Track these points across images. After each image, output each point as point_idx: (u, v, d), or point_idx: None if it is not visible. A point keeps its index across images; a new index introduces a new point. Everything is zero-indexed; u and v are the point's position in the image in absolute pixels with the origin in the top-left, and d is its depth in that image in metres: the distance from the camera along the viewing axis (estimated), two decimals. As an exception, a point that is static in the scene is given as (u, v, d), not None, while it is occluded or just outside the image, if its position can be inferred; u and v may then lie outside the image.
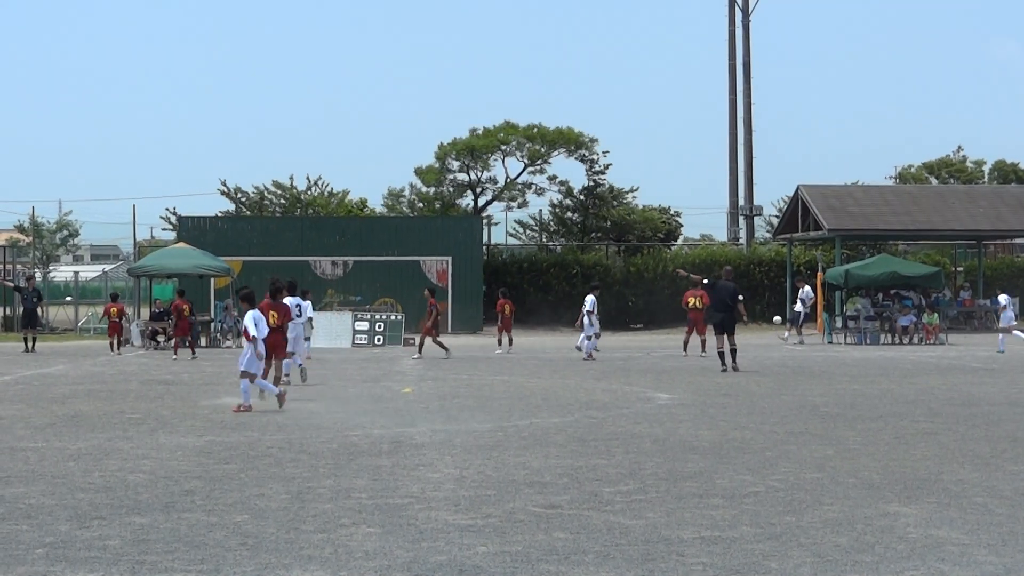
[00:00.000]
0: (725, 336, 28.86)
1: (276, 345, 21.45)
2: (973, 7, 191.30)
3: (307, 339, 27.93)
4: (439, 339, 33.87)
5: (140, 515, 10.31)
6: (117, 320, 37.16)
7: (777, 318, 45.51)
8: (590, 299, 34.31)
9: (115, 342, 36.58)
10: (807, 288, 44.43)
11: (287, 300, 24.64)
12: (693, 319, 34.78)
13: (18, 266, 62.04)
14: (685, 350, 34.40)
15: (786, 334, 43.36)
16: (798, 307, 44.30)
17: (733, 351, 28.58)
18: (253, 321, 19.87)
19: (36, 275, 54.67)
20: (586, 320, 33.88)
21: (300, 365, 25.31)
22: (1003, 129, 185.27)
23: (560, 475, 12.38)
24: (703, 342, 33.98)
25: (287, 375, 23.35)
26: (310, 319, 28.55)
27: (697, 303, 34.76)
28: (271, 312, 21.59)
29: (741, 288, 54.43)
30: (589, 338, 33.40)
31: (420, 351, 34.25)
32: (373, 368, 29.94)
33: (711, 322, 30.15)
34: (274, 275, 29.70)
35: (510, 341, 37.09)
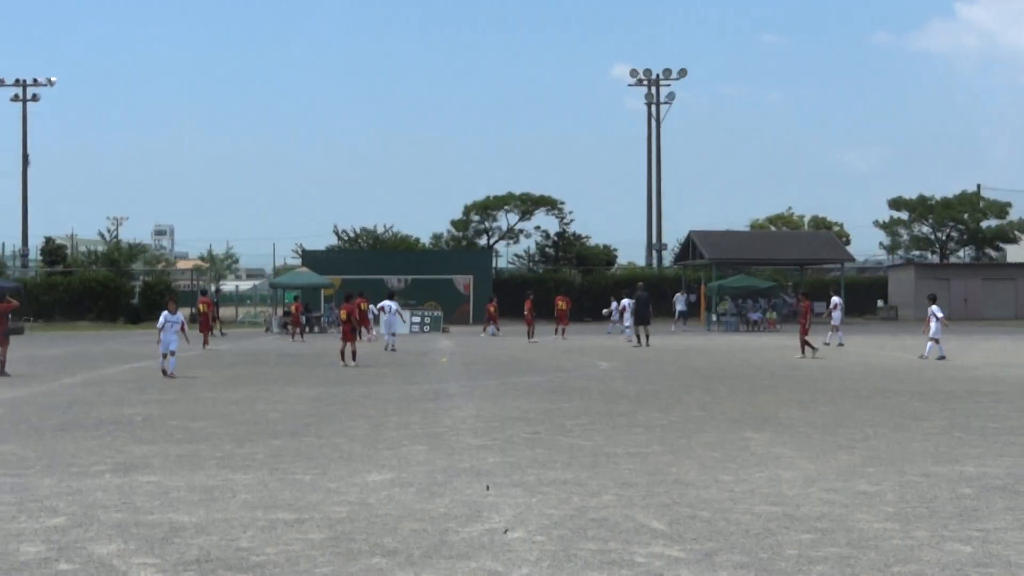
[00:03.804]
0: (644, 327, 28.92)
1: (347, 332, 21.22)
2: (798, 118, 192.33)
3: (393, 333, 27.73)
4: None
5: (276, 439, 10.29)
6: (296, 315, 34.54)
7: (606, 311, 41.54)
8: (626, 301, 31.64)
9: (293, 331, 34.07)
10: (680, 295, 44.43)
11: (386, 303, 26.73)
12: (559, 315, 33.95)
13: (199, 282, 61.95)
14: (556, 334, 32.86)
15: (673, 327, 43.13)
16: (679, 306, 44.21)
17: (647, 336, 28.74)
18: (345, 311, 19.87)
19: (212, 287, 54.70)
20: (626, 316, 31.45)
21: (390, 344, 26.71)
22: (818, 194, 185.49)
23: (539, 414, 12.37)
24: (564, 330, 32.61)
25: (392, 347, 25.93)
26: (399, 313, 29.01)
27: (563, 304, 34.19)
28: (343, 310, 21.59)
29: (654, 295, 54.36)
30: (627, 328, 31.29)
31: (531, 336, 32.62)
32: (422, 346, 29.91)
33: (638, 320, 29.55)
34: (348, 289, 30.20)
35: (531, 334, 33.47)
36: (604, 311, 40.82)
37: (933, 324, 22.26)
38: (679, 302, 44.44)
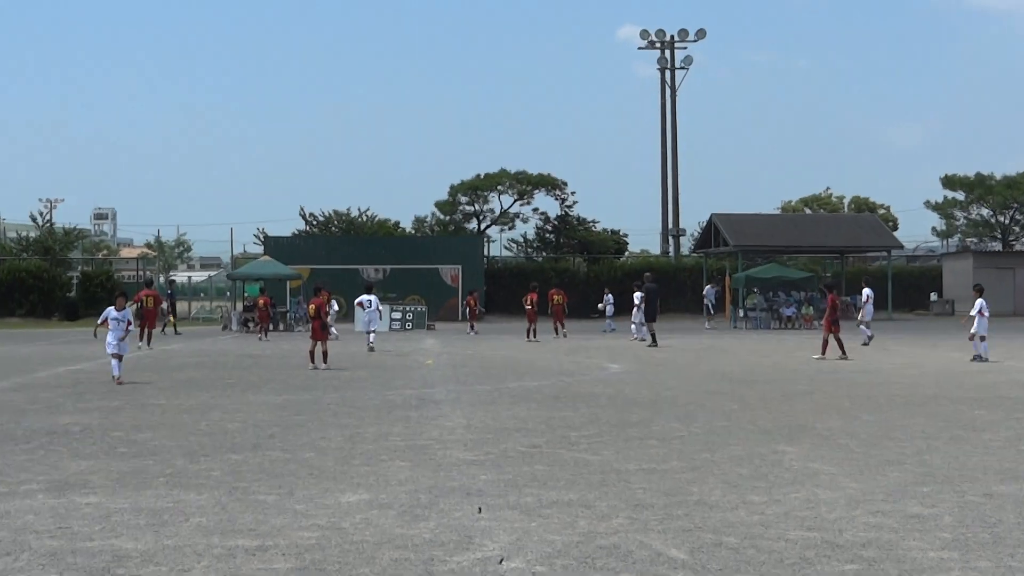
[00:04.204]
0: (653, 323, 28.99)
1: (316, 330, 21.18)
2: (835, 89, 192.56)
3: (372, 331, 27.70)
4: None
5: (235, 453, 10.25)
6: (264, 310, 34.78)
7: (601, 305, 41.52)
8: (638, 295, 31.33)
9: (262, 328, 34.13)
10: (711, 288, 44.46)
11: (365, 298, 26.91)
12: (556, 311, 33.85)
13: (147, 272, 61.87)
14: (528, 336, 32.17)
15: (707, 324, 43.18)
16: (710, 300, 44.33)
17: (653, 334, 28.88)
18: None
19: (163, 278, 54.73)
20: (635, 312, 31.39)
21: (371, 342, 27.01)
22: (861, 172, 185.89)
23: (539, 423, 12.34)
24: (534, 330, 32.20)
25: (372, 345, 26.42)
26: (379, 309, 28.87)
27: (558, 298, 34.19)
28: (312, 304, 21.53)
29: (671, 287, 54.36)
30: (634, 324, 31.13)
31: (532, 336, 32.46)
32: (404, 345, 29.89)
33: (650, 316, 29.51)
34: (318, 281, 30.23)
35: (533, 332, 32.56)
36: (599, 306, 40.66)
37: (978, 319, 22.17)
38: (710, 296, 44.43)
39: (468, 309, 37.68)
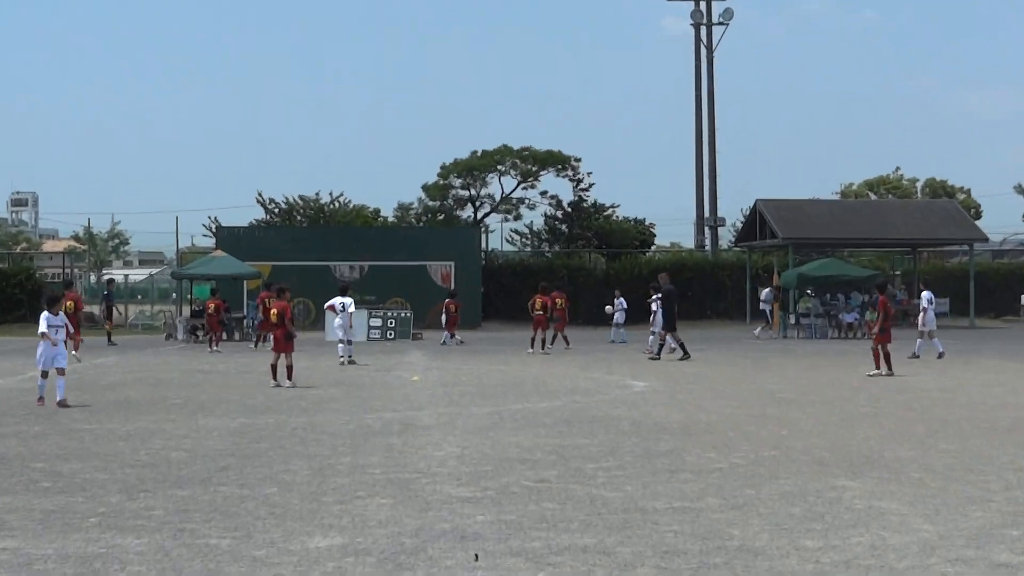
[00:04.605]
0: (676, 333, 28.91)
1: (279, 339, 21.12)
2: (907, 48, 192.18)
3: (348, 341, 27.68)
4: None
5: (181, 488, 10.25)
6: (215, 315, 34.70)
7: (609, 308, 40.05)
8: (656, 299, 30.94)
9: (213, 338, 34.25)
10: (768, 290, 44.34)
11: (339, 300, 26.99)
12: (559, 316, 33.56)
13: (75, 270, 61.93)
14: (532, 346, 31.97)
15: (758, 332, 43.07)
16: (766, 305, 44.18)
17: (662, 344, 28.81)
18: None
19: (95, 277, 54.76)
20: (656, 318, 30.82)
21: (346, 355, 27.17)
22: (936, 150, 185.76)
23: (548, 453, 12.33)
24: (543, 340, 32.16)
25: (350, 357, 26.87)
26: (351, 313, 28.84)
27: (560, 302, 33.83)
28: (274, 308, 21.52)
29: (708, 288, 54.39)
30: (653, 333, 31.02)
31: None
32: (385, 359, 29.90)
33: (670, 325, 29.39)
34: (280, 280, 30.30)
35: (542, 342, 32.57)
36: (607, 309, 40.51)
37: None
38: (766, 299, 44.27)
39: (446, 315, 37.68)
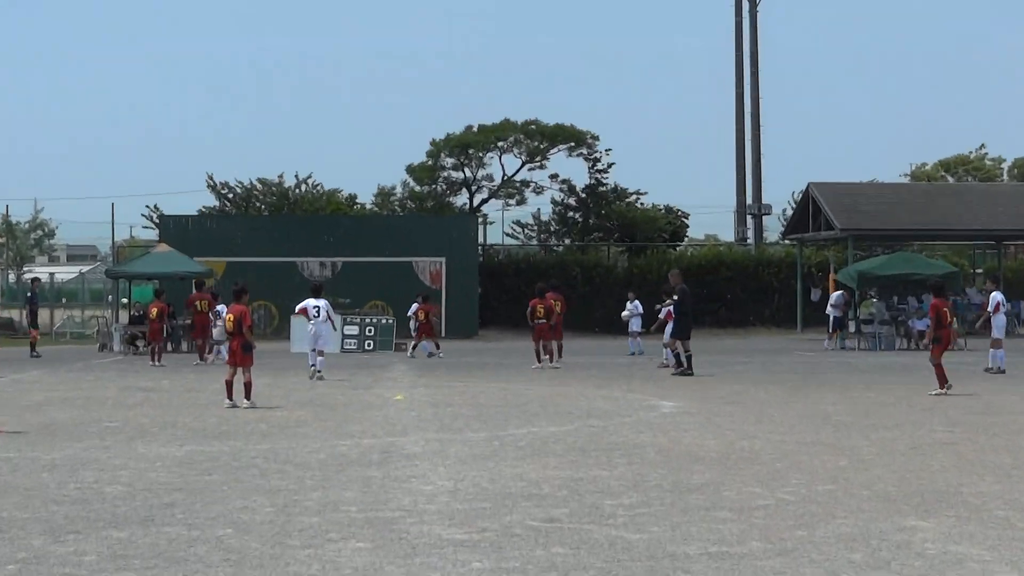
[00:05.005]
0: (684, 341, 28.96)
1: (236, 350, 21.08)
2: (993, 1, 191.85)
3: (320, 351, 27.72)
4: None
5: (118, 529, 10.24)
6: (157, 322, 34.85)
7: (625, 314, 40.77)
8: (669, 303, 31.12)
9: (155, 350, 34.39)
10: (840, 294, 44.21)
11: (312, 303, 26.99)
12: (539, 330, 33.18)
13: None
14: (539, 360, 32.11)
15: (827, 342, 43.00)
16: (834, 311, 44.03)
17: (678, 355, 28.84)
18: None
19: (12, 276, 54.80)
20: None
21: (314, 366, 27.47)
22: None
23: (559, 487, 12.32)
24: (551, 350, 32.40)
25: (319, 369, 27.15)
26: (331, 320, 28.83)
27: (557, 306, 33.53)
28: (230, 313, 21.54)
29: (751, 288, 54.46)
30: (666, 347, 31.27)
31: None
32: (363, 374, 29.88)
33: (678, 331, 29.39)
34: (239, 280, 30.30)
35: (550, 354, 32.89)
36: (623, 314, 40.53)
37: None
38: (836, 303, 44.08)
39: (417, 322, 37.71)
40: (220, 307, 35.80)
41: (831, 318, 43.86)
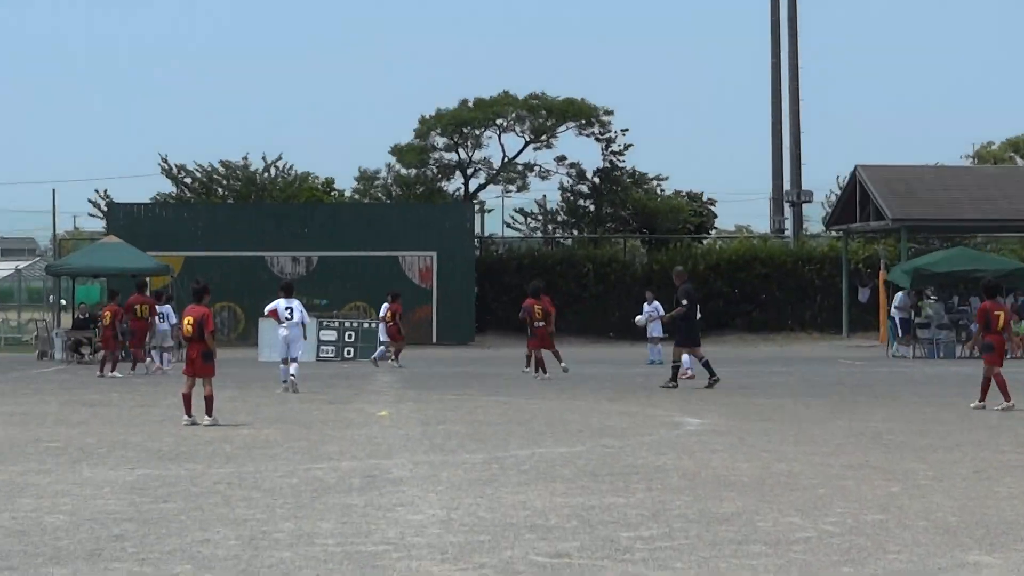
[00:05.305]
0: (693, 348, 29.05)
1: (193, 358, 20.99)
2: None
3: (292, 359, 27.73)
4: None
5: (59, 565, 10.24)
6: (111, 327, 34.77)
7: (640, 318, 40.72)
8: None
9: (107, 358, 34.52)
10: (905, 294, 44.23)
11: (284, 304, 26.94)
12: (540, 334, 33.19)
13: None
14: (538, 369, 32.63)
15: (896, 347, 43.02)
16: (898, 312, 44.01)
17: (677, 367, 28.94)
18: None
19: None
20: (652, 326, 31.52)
21: (287, 380, 27.49)
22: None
23: (568, 517, 12.32)
24: (542, 359, 32.78)
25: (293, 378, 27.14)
26: (305, 323, 28.70)
27: (541, 310, 33.50)
28: (186, 316, 21.49)
29: (789, 287, 54.49)
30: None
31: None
32: (342, 387, 29.88)
33: (684, 336, 29.49)
34: (198, 278, 30.26)
35: (529, 361, 34.05)
36: (637, 319, 40.60)
37: None
38: (900, 305, 44.09)
39: (386, 324, 37.74)
40: (164, 307, 35.84)
41: (895, 321, 43.68)
